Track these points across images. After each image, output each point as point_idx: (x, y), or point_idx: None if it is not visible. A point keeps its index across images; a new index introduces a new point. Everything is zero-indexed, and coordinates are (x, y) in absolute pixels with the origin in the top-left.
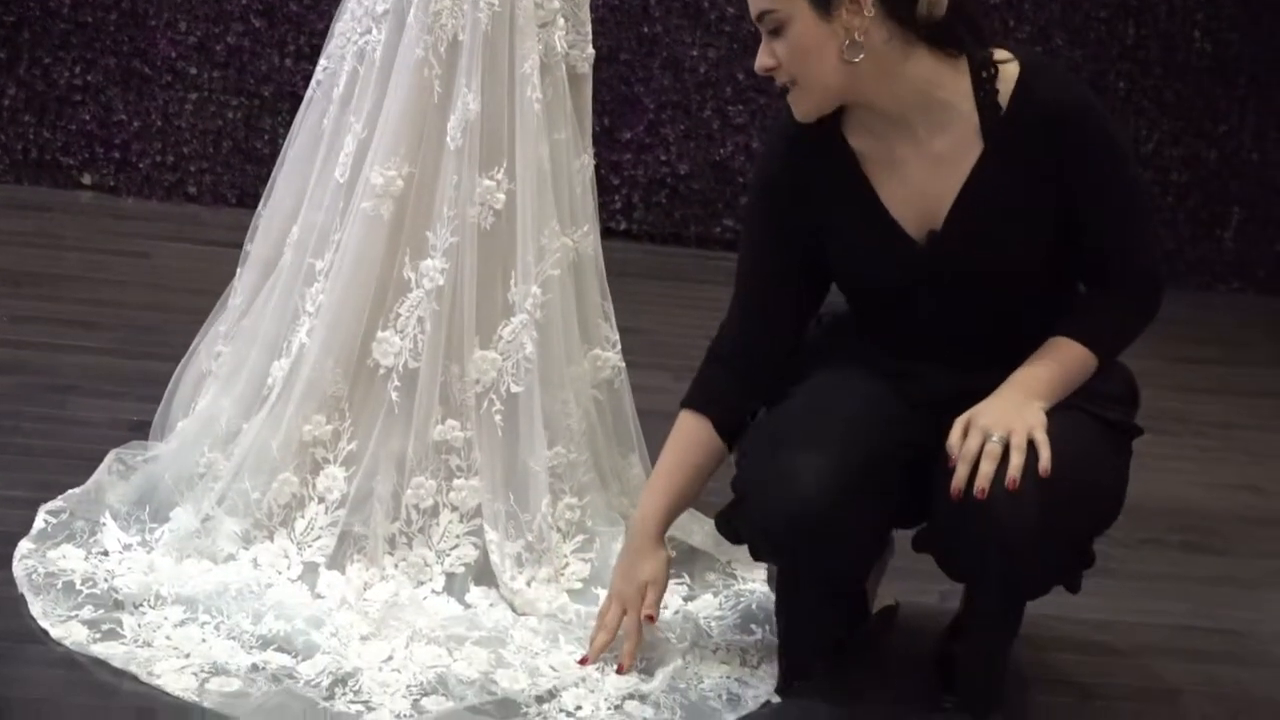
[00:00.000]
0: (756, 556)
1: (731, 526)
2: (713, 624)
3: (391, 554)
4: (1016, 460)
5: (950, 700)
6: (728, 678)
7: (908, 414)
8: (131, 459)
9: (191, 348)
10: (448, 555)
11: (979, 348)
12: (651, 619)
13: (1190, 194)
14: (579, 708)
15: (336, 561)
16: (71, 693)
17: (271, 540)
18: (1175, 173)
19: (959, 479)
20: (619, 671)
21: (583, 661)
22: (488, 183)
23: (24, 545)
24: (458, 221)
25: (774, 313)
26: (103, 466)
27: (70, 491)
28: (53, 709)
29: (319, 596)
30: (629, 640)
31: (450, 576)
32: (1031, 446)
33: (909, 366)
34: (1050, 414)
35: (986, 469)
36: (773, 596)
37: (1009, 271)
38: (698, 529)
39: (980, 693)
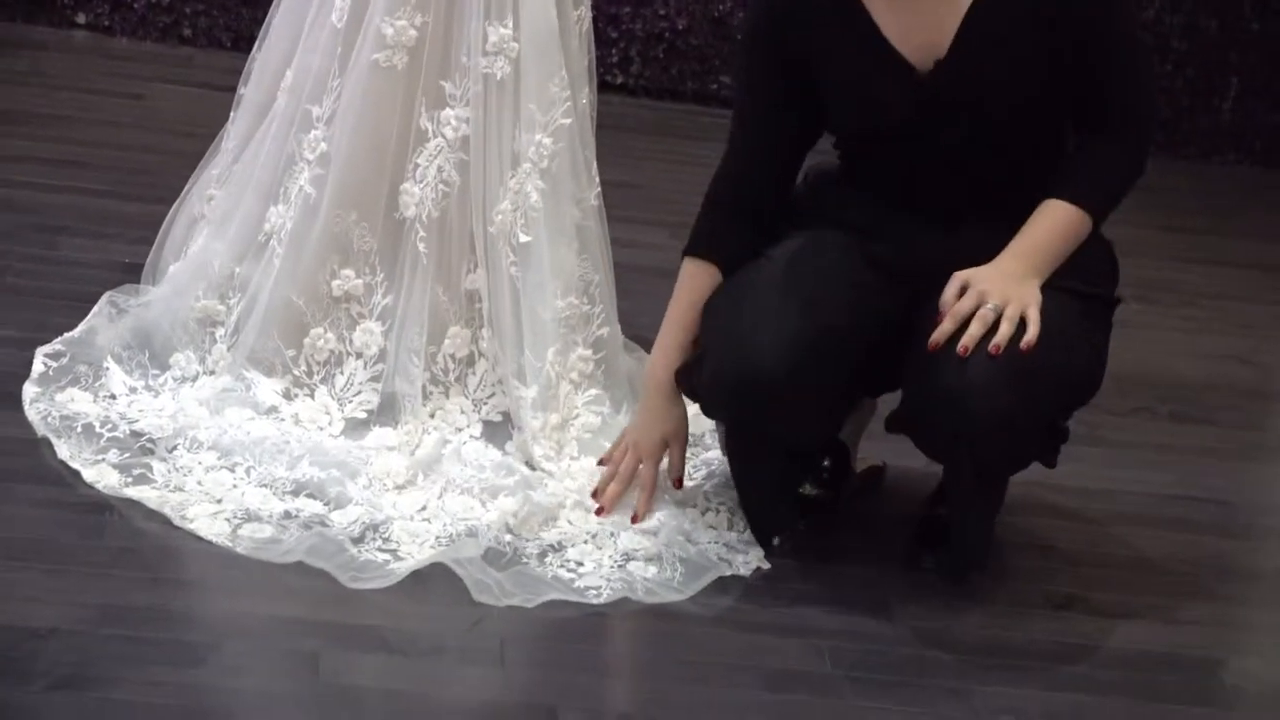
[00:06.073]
0: (708, 414)
1: (689, 382)
2: (704, 483)
3: (426, 404)
4: (1006, 330)
5: (930, 561)
6: (716, 542)
7: (881, 284)
8: (124, 302)
9: (184, 191)
10: (485, 404)
11: (969, 198)
12: (679, 482)
13: (1189, 63)
14: (580, 564)
15: (379, 417)
16: (59, 532)
17: (312, 397)
18: (1175, 41)
19: (942, 333)
20: (633, 521)
21: (599, 511)
22: (503, 31)
23: (29, 389)
24: (478, 71)
25: (770, 149)
26: (96, 309)
27: (67, 335)
28: (38, 548)
29: (362, 448)
30: (644, 491)
31: (489, 425)
32: (1021, 324)
33: (892, 223)
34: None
35: (975, 330)
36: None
37: (1010, 104)
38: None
39: (959, 555)
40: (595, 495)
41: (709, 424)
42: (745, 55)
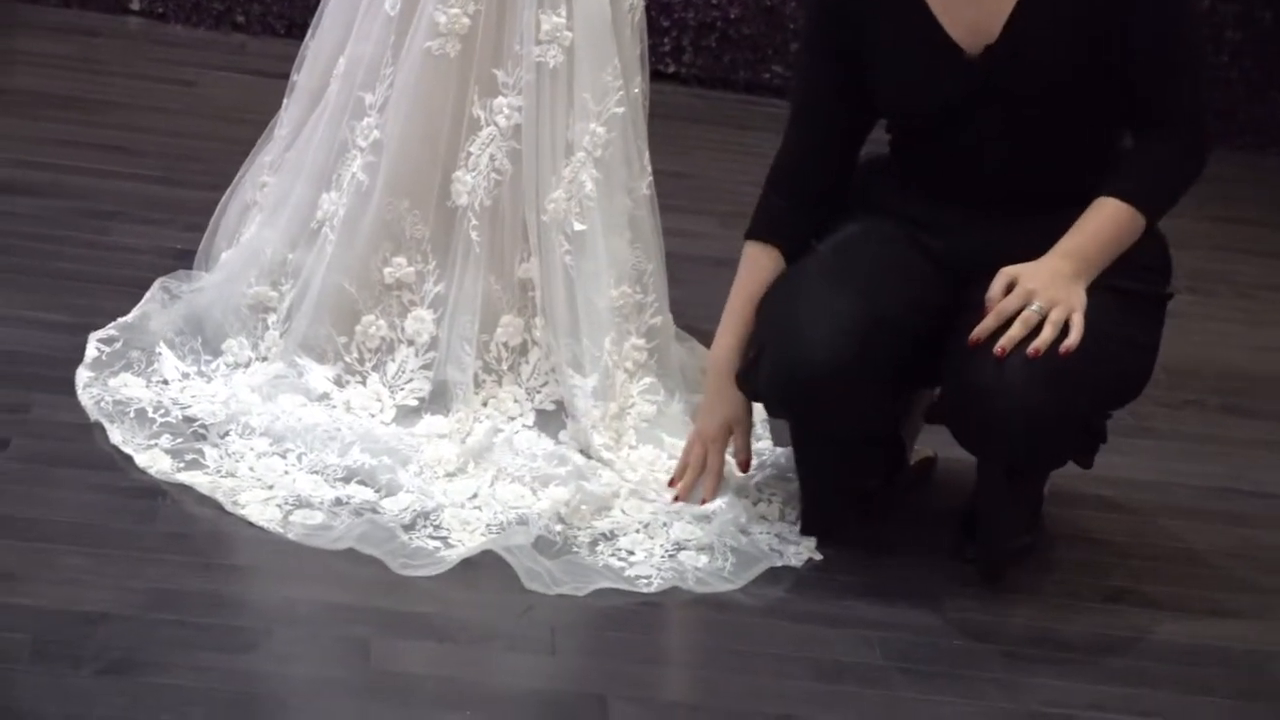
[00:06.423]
0: (771, 413)
1: (750, 383)
2: (755, 474)
3: (479, 392)
4: (1049, 334)
5: (972, 552)
6: (768, 533)
7: (931, 275)
8: (177, 288)
9: (237, 178)
10: (538, 393)
11: (1017, 190)
12: (745, 465)
13: (1245, 53)
14: (631, 553)
15: (430, 404)
16: (111, 517)
17: (364, 384)
18: (1230, 31)
19: (984, 329)
20: (702, 503)
21: (675, 499)
22: (556, 19)
23: (83, 374)
24: (530, 59)
25: (824, 136)
26: (149, 295)
27: (121, 320)
28: (90, 532)
29: (414, 436)
30: (710, 477)
31: (541, 414)
32: (1064, 329)
33: (941, 215)
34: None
35: (1017, 332)
36: (779, 451)
37: (1062, 93)
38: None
39: (986, 551)
40: (671, 484)
41: (761, 414)
42: (805, 35)
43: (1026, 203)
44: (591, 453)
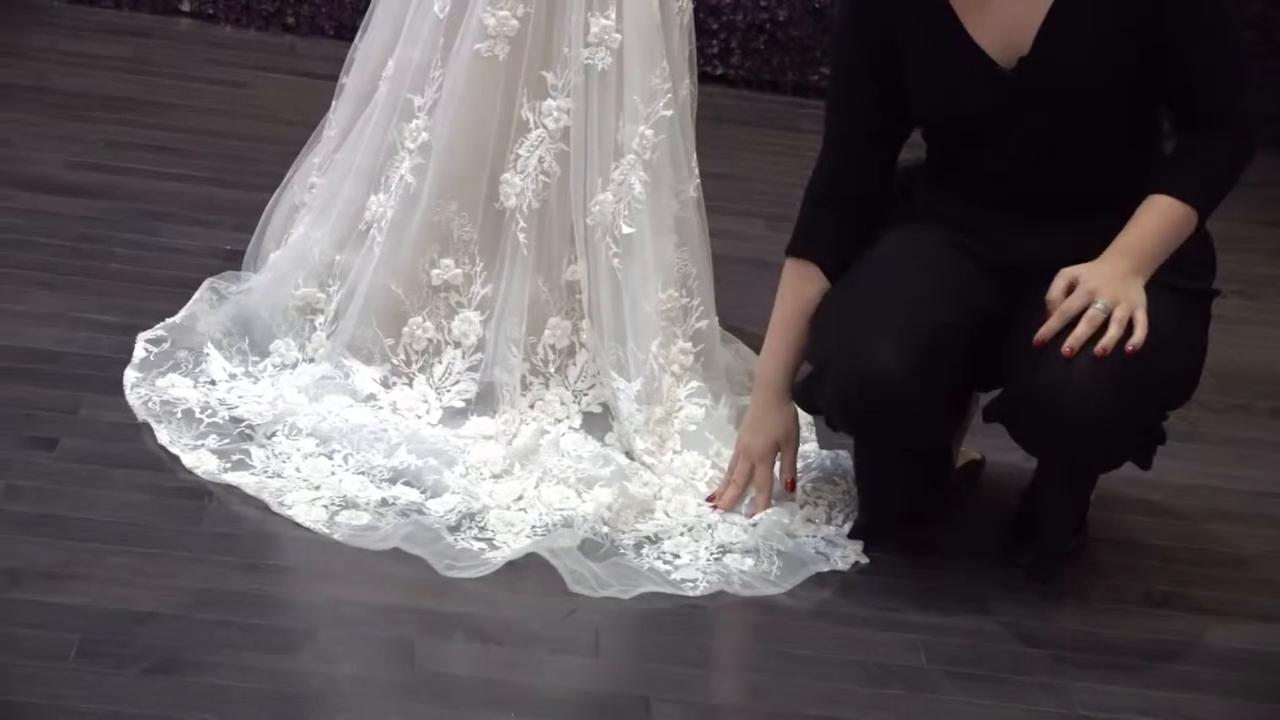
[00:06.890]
0: (832, 427)
1: (809, 398)
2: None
3: (526, 395)
4: (1115, 332)
5: (1024, 558)
6: (814, 536)
7: (979, 279)
8: (225, 289)
9: (285, 179)
10: (585, 395)
11: (1054, 191)
12: (791, 484)
13: None
14: (677, 555)
15: (476, 406)
16: (158, 517)
17: (411, 386)
18: None
19: (1049, 329)
20: (748, 516)
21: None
22: (604, 22)
23: (131, 374)
24: (579, 62)
25: (862, 140)
26: (197, 295)
27: (169, 321)
28: (137, 532)
29: (460, 437)
30: (760, 492)
31: (588, 416)
32: (1129, 327)
33: (982, 221)
34: None
35: (1083, 331)
36: (824, 454)
37: (1097, 100)
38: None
39: (1046, 554)
40: (711, 500)
41: (806, 417)
42: (836, 47)
43: (1064, 206)
44: (634, 455)
